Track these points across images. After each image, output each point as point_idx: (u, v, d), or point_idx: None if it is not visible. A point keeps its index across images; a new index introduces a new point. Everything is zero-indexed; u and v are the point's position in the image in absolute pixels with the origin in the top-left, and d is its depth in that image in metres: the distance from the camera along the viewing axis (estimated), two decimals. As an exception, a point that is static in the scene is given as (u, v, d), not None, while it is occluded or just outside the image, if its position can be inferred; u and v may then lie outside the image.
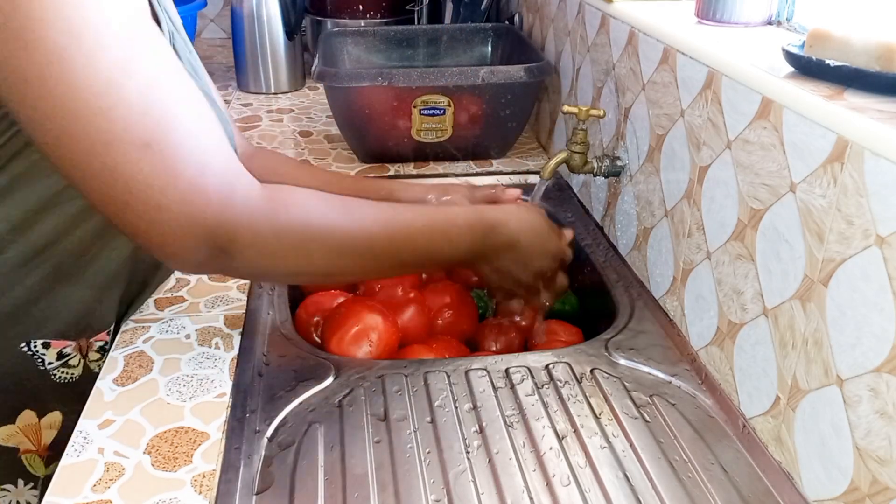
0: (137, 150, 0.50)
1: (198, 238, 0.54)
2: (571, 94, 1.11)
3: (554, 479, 0.59)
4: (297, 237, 0.60)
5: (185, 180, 0.52)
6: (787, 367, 0.59)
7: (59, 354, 0.71)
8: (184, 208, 0.52)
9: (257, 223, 0.57)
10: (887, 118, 0.50)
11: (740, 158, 0.65)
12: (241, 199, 0.55)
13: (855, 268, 0.51)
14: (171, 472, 0.57)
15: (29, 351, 0.69)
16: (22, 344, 0.69)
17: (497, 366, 0.72)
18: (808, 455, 0.57)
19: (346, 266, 0.65)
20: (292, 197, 0.60)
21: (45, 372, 0.71)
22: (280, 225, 0.58)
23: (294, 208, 0.60)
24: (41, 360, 0.70)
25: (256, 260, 0.58)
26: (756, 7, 0.79)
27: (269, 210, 0.58)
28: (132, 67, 0.51)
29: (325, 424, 0.63)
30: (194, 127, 0.54)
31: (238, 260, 0.57)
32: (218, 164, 0.54)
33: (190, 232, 0.53)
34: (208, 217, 0.53)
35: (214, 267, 0.58)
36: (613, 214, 0.96)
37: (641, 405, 0.67)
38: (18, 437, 0.71)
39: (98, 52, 0.49)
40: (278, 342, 0.74)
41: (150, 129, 0.51)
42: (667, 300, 0.81)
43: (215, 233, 0.54)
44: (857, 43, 0.57)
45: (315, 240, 0.61)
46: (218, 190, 0.54)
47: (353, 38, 1.39)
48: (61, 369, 0.71)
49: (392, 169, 1.18)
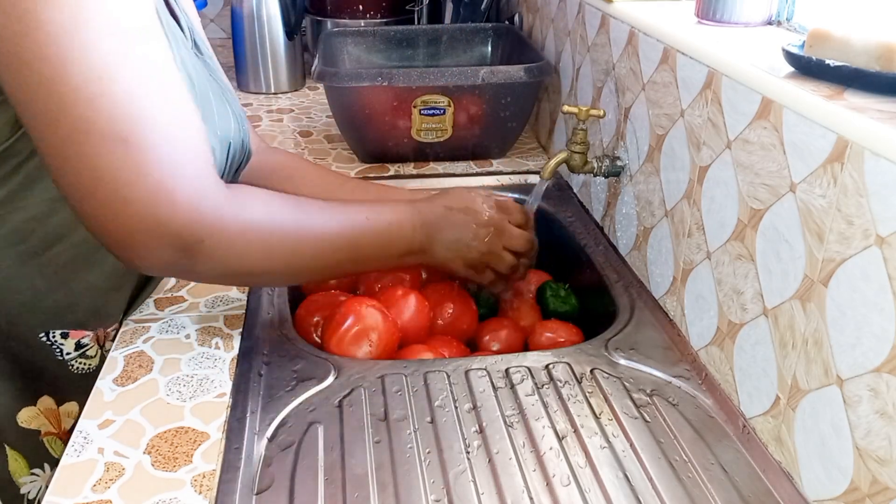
0: (112, 143, 0.52)
1: (162, 238, 0.55)
2: (571, 94, 1.11)
3: (554, 479, 0.59)
4: (260, 233, 0.61)
5: (154, 179, 0.53)
6: (787, 367, 0.59)
7: (78, 345, 0.72)
8: (149, 206, 0.53)
9: (224, 222, 0.58)
10: (887, 118, 0.50)
11: (740, 158, 0.65)
12: (210, 201, 0.57)
13: (855, 268, 0.51)
14: (171, 472, 0.57)
15: (48, 341, 0.70)
16: (41, 334, 0.70)
17: (497, 366, 0.72)
18: (808, 455, 0.57)
19: (304, 264, 0.67)
20: (252, 195, 0.63)
21: (64, 362, 0.72)
22: (244, 223, 0.60)
23: (254, 205, 0.62)
24: (59, 349, 0.71)
25: (219, 260, 0.59)
26: (756, 7, 0.79)
27: (234, 209, 0.59)
28: (125, 62, 0.52)
29: (325, 424, 0.63)
30: (174, 130, 0.55)
31: (203, 261, 0.58)
32: (189, 169, 0.55)
33: (154, 231, 0.54)
34: (174, 218, 0.54)
35: (177, 268, 0.59)
36: (613, 214, 0.96)
37: (641, 405, 0.67)
38: (40, 420, 0.72)
39: (96, 41, 0.50)
40: (278, 342, 0.74)
41: (129, 124, 0.52)
42: (667, 300, 0.81)
43: (181, 234, 0.55)
44: (857, 43, 0.57)
45: (275, 236, 0.63)
46: (186, 193, 0.55)
47: (353, 38, 1.39)
48: (79, 360, 0.72)
49: (392, 169, 1.18)
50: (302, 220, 0.66)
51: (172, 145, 0.54)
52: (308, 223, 0.66)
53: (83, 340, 0.72)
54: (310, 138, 1.32)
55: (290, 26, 1.55)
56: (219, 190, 0.58)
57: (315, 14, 1.69)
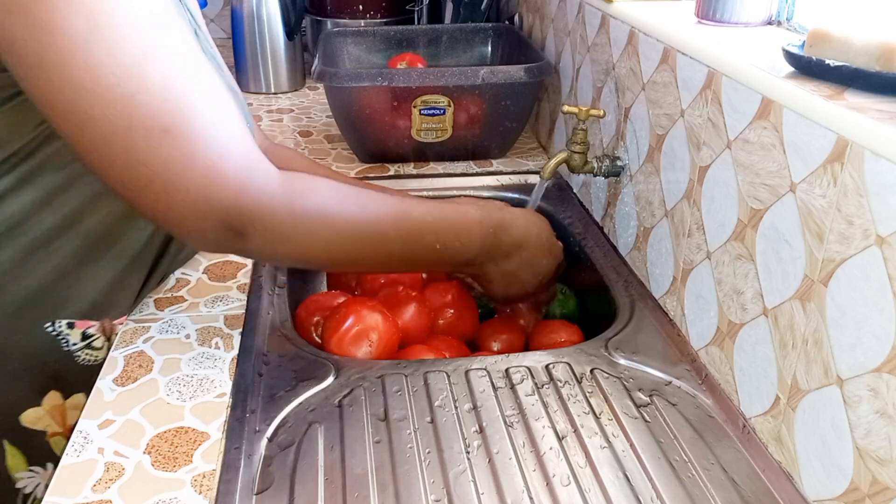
0: (157, 136, 0.51)
1: (214, 220, 0.55)
2: (571, 94, 1.11)
3: (554, 479, 0.59)
4: (312, 223, 0.61)
5: (203, 165, 0.53)
6: (787, 367, 0.59)
7: (84, 335, 0.72)
8: (201, 192, 0.53)
9: (274, 208, 0.58)
10: (887, 118, 0.50)
11: (740, 158, 0.65)
12: (259, 184, 0.56)
13: (855, 268, 0.51)
14: (171, 472, 0.57)
15: (53, 331, 0.70)
16: (47, 324, 0.70)
17: (497, 366, 0.72)
18: (808, 455, 0.57)
19: (356, 256, 0.66)
20: (310, 184, 0.62)
21: (70, 353, 0.72)
22: (296, 210, 0.60)
23: (311, 195, 0.61)
24: (65, 340, 0.71)
25: (271, 243, 0.59)
26: (756, 7, 0.79)
27: (286, 195, 0.59)
28: (154, 53, 0.52)
29: (325, 424, 0.63)
30: (214, 113, 0.55)
31: (253, 242, 0.58)
32: (237, 149, 0.55)
33: (207, 214, 0.54)
34: (225, 201, 0.54)
35: (229, 247, 0.60)
36: (613, 214, 0.96)
37: (641, 405, 0.67)
38: (45, 420, 0.72)
39: (121, 38, 0.50)
40: (278, 342, 0.74)
41: (171, 114, 0.52)
42: (667, 300, 0.81)
43: (232, 216, 0.55)
44: (857, 43, 0.57)
45: (329, 227, 0.62)
46: (236, 175, 0.55)
47: (353, 38, 1.39)
48: (86, 351, 0.72)
49: (392, 169, 1.18)
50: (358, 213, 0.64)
51: (216, 128, 0.54)
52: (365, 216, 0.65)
53: (89, 331, 0.72)
54: (310, 138, 1.32)
55: (290, 26, 1.55)
56: (268, 171, 0.58)
57: (315, 14, 1.69)
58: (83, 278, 0.70)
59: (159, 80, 0.52)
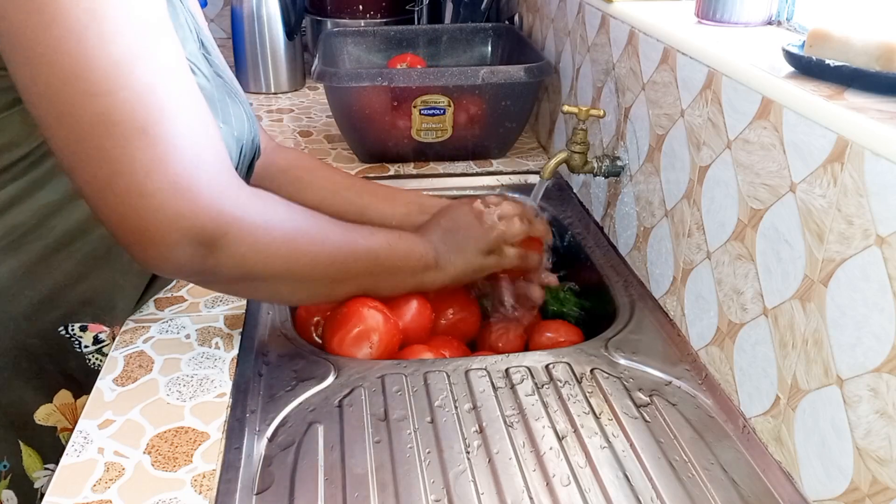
0: (133, 134, 0.51)
1: (181, 230, 0.54)
2: (571, 94, 1.11)
3: (554, 479, 0.59)
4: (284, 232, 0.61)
5: (176, 170, 0.52)
6: (787, 367, 0.59)
7: (95, 339, 0.72)
8: (170, 198, 0.52)
9: (248, 217, 0.57)
10: (887, 118, 0.50)
11: (740, 158, 0.65)
12: (232, 194, 0.56)
13: (855, 268, 0.51)
14: (171, 472, 0.57)
15: (67, 334, 0.71)
16: (60, 328, 0.70)
17: (497, 366, 0.72)
18: (808, 455, 0.57)
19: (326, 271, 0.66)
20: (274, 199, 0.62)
21: (82, 355, 0.72)
22: (269, 219, 0.60)
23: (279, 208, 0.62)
24: (78, 342, 0.72)
25: (243, 257, 0.58)
26: (756, 7, 0.79)
27: (257, 208, 0.59)
28: (144, 54, 0.52)
29: (325, 424, 0.63)
30: (193, 121, 0.55)
31: (225, 258, 0.57)
32: (212, 162, 0.55)
33: (175, 224, 0.53)
34: (196, 211, 0.54)
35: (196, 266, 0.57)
36: (613, 214, 0.96)
37: (641, 405, 0.67)
38: (56, 416, 0.73)
39: (115, 34, 0.51)
40: (278, 342, 0.74)
41: (150, 115, 0.52)
42: (667, 300, 0.81)
43: (201, 226, 0.54)
44: (857, 43, 0.57)
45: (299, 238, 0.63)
46: (209, 183, 0.54)
47: (353, 38, 1.39)
48: (95, 355, 0.73)
49: (392, 169, 1.18)
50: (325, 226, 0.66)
51: (193, 137, 0.54)
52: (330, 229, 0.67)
53: (101, 335, 0.72)
54: (310, 138, 1.32)
55: (290, 26, 1.55)
56: (240, 185, 0.58)
57: (315, 14, 1.69)
58: (97, 281, 0.70)
59: (145, 80, 0.52)
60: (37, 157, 0.63)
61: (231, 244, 0.56)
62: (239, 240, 0.57)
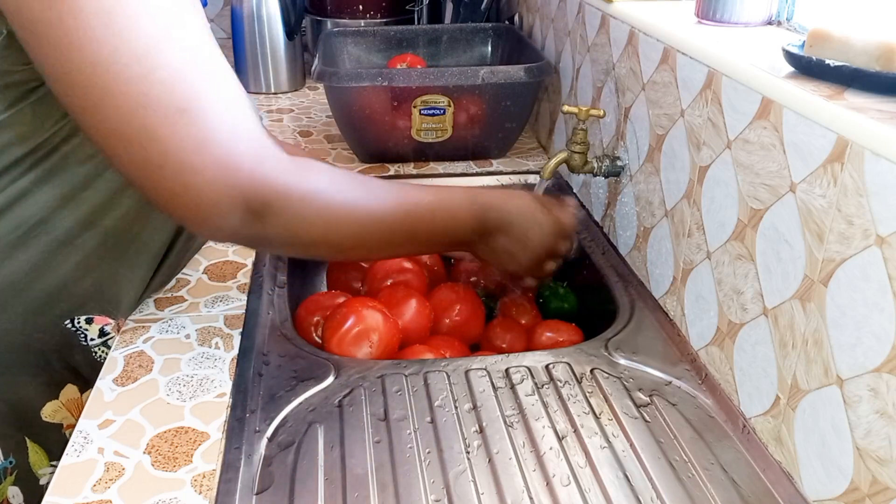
0: (173, 114, 0.51)
1: (232, 201, 0.55)
2: (571, 94, 1.11)
3: (554, 479, 0.59)
4: (323, 201, 0.61)
5: (220, 144, 0.53)
6: (787, 367, 0.59)
7: (101, 332, 0.73)
8: (218, 171, 0.53)
9: (288, 186, 0.58)
10: (887, 118, 0.50)
11: (740, 158, 0.65)
12: (272, 163, 0.57)
13: (855, 268, 0.51)
14: (171, 472, 0.57)
15: (72, 327, 0.71)
16: (66, 321, 0.71)
17: (497, 366, 0.72)
18: (808, 455, 0.57)
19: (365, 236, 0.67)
20: (319, 167, 0.63)
21: (88, 348, 0.72)
22: (310, 189, 0.60)
23: (322, 176, 0.62)
24: (84, 335, 0.72)
25: (288, 224, 0.59)
26: (756, 7, 0.79)
27: (298, 174, 0.59)
28: (173, 34, 0.52)
29: (325, 424, 0.63)
30: (228, 95, 0.55)
31: (271, 224, 0.58)
32: (250, 130, 0.56)
33: (224, 194, 0.54)
34: (241, 179, 0.54)
35: (247, 233, 0.59)
36: (613, 214, 0.96)
37: (641, 405, 0.67)
38: (62, 413, 0.73)
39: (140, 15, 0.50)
40: (278, 342, 0.74)
41: (188, 94, 0.52)
42: (667, 300, 0.81)
43: (249, 195, 0.55)
44: (857, 43, 0.57)
45: (340, 206, 0.63)
46: (251, 154, 0.55)
47: (353, 38, 1.39)
48: (101, 348, 0.73)
49: (392, 169, 1.18)
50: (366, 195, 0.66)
51: (230, 111, 0.54)
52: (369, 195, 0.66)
53: (106, 328, 0.73)
54: (310, 138, 1.32)
55: (290, 26, 1.55)
56: (281, 154, 0.58)
57: (315, 14, 1.69)
58: (103, 275, 0.71)
59: (176, 60, 0.52)
60: (45, 150, 0.64)
61: (276, 213, 0.57)
62: (282, 208, 0.57)
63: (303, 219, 0.60)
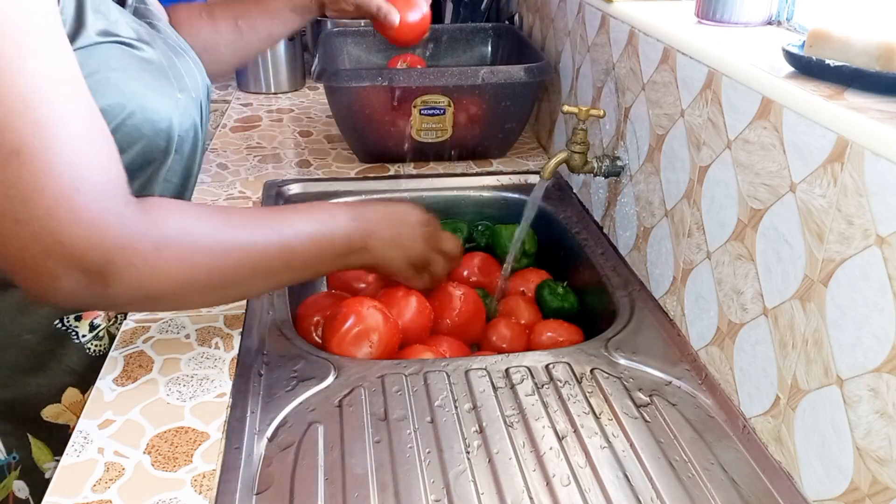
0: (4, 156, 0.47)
1: (64, 260, 0.49)
2: (571, 94, 1.11)
3: (554, 479, 0.59)
4: (178, 248, 0.56)
5: (53, 194, 0.48)
6: (787, 367, 0.59)
7: (91, 326, 0.72)
8: (47, 224, 0.48)
9: (135, 239, 0.53)
10: (887, 118, 0.50)
11: (740, 158, 0.65)
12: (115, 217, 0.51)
13: (855, 268, 0.51)
14: (171, 472, 0.57)
15: (63, 326, 0.71)
16: (56, 321, 0.70)
17: (497, 366, 0.72)
18: (808, 455, 0.57)
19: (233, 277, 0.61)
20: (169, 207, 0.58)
21: (81, 346, 0.72)
22: (159, 236, 0.54)
23: (172, 219, 0.56)
24: (75, 333, 0.71)
25: (137, 281, 0.54)
26: (756, 7, 0.79)
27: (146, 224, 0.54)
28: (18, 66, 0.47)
29: (325, 424, 0.63)
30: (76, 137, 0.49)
31: (116, 284, 0.53)
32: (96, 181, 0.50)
33: (56, 253, 0.49)
34: (77, 238, 0.49)
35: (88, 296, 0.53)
36: (613, 214, 0.96)
37: (641, 405, 0.67)
38: (67, 415, 0.73)
39: None
40: (278, 342, 0.74)
41: (26, 134, 0.47)
42: (667, 300, 0.81)
43: (86, 255, 0.50)
44: (857, 43, 0.57)
45: (198, 249, 0.57)
46: (90, 209, 0.49)
47: (353, 38, 1.39)
48: (94, 342, 0.73)
49: (392, 169, 1.18)
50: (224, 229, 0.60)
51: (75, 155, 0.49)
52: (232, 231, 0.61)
53: (96, 321, 0.72)
54: (310, 138, 1.32)
55: (290, 26, 1.55)
56: (127, 204, 0.53)
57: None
58: None
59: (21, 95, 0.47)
60: None
61: (120, 271, 0.52)
62: (127, 266, 0.52)
63: (153, 271, 0.54)
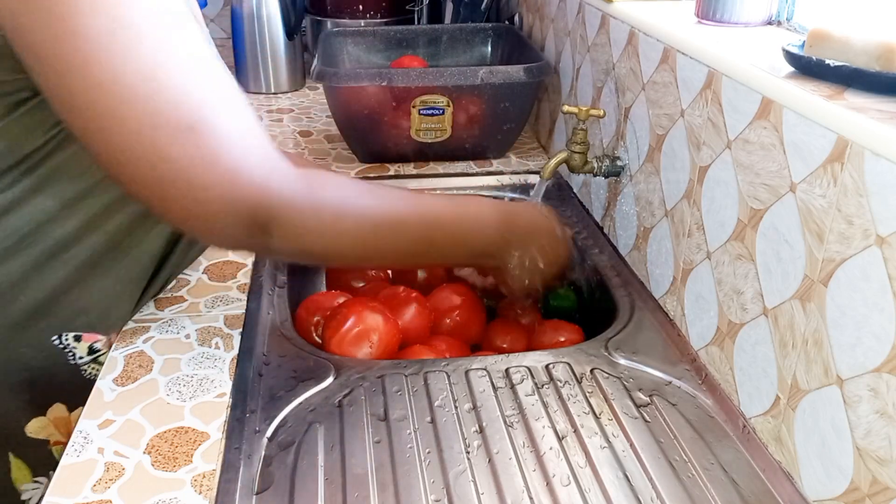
0: (182, 133, 0.51)
1: (239, 217, 0.55)
2: (571, 94, 1.11)
3: (554, 479, 0.59)
4: (333, 214, 0.61)
5: (227, 161, 0.53)
6: (787, 367, 0.59)
7: (91, 349, 0.71)
8: (226, 188, 0.54)
9: (295, 201, 0.58)
10: (887, 118, 0.50)
11: (740, 158, 0.65)
12: (280, 179, 0.57)
13: (855, 268, 0.51)
14: (171, 472, 0.57)
15: (60, 344, 0.70)
16: (53, 337, 0.69)
17: (497, 366, 0.72)
18: (808, 455, 0.57)
19: (378, 246, 0.66)
20: (328, 178, 0.63)
21: (76, 367, 0.71)
22: (317, 202, 0.60)
23: (330, 188, 0.62)
24: (72, 353, 0.71)
25: (294, 238, 0.59)
26: (756, 7, 0.79)
27: (306, 189, 0.59)
28: (178, 51, 0.52)
29: (325, 424, 0.63)
30: (234, 109, 0.55)
31: (276, 238, 0.58)
32: (257, 146, 0.56)
33: (231, 211, 0.54)
34: (249, 197, 0.55)
35: (253, 245, 0.60)
36: (613, 214, 0.96)
37: (641, 405, 0.67)
38: (49, 430, 0.72)
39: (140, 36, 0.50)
40: (278, 342, 0.74)
41: (194, 112, 0.52)
42: (667, 300, 0.81)
43: (256, 211, 0.55)
44: (857, 43, 0.57)
45: (350, 217, 0.63)
46: (259, 170, 0.55)
47: (353, 38, 1.39)
48: (92, 365, 0.72)
49: (392, 169, 1.18)
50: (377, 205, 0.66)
51: (238, 125, 0.54)
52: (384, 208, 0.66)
53: (96, 345, 0.71)
54: (310, 138, 1.32)
55: (290, 26, 1.55)
56: (288, 168, 0.58)
57: (315, 14, 1.69)
58: (92, 289, 0.70)
59: (180, 78, 0.51)
60: (34, 162, 0.63)
61: (282, 226, 0.57)
62: (287, 223, 0.58)
63: (310, 230, 0.60)
